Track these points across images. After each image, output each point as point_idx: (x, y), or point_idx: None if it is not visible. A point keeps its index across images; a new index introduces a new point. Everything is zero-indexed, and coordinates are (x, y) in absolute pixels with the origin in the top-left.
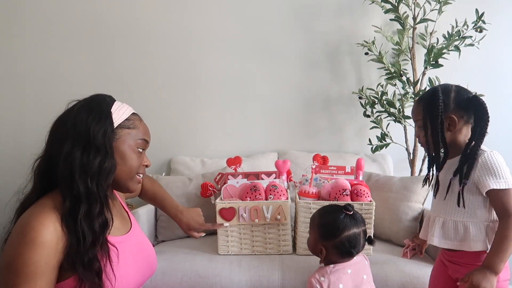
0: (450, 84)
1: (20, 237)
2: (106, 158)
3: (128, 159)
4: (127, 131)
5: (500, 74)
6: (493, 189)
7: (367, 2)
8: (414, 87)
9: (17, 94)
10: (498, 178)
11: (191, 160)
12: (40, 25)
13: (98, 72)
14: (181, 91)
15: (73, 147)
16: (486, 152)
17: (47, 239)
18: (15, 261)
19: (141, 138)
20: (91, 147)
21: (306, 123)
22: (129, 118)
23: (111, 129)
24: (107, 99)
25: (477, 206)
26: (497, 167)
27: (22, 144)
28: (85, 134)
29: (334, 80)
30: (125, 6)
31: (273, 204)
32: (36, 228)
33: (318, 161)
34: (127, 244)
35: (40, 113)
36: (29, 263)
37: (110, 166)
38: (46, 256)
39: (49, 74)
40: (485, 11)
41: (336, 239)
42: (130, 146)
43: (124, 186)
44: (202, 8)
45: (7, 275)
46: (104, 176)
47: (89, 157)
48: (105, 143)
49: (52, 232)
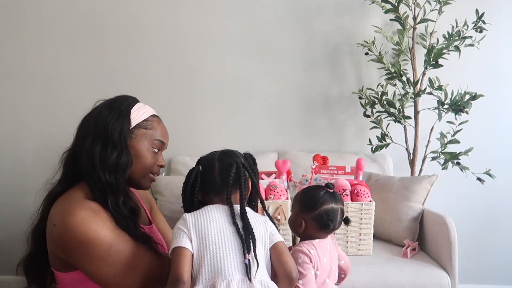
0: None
1: (73, 219)
2: (122, 154)
3: (143, 157)
4: (144, 131)
5: (500, 74)
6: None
7: (367, 2)
8: (414, 87)
9: (17, 94)
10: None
11: (191, 160)
12: (39, 25)
13: (98, 72)
14: (181, 91)
15: (93, 143)
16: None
17: (95, 209)
18: (87, 237)
19: (157, 139)
20: (108, 143)
21: (306, 123)
22: (148, 119)
23: (128, 127)
24: (129, 100)
25: None
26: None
27: (22, 144)
28: (104, 131)
29: (334, 80)
30: (125, 6)
31: (273, 204)
32: (81, 206)
33: (318, 161)
34: (152, 234)
35: (40, 113)
36: (99, 231)
37: (126, 161)
38: (105, 221)
39: (48, 74)
40: (485, 11)
41: (315, 211)
42: (146, 146)
43: (137, 183)
44: (202, 8)
45: (90, 252)
46: (121, 170)
47: (107, 152)
48: (121, 140)
49: (93, 205)
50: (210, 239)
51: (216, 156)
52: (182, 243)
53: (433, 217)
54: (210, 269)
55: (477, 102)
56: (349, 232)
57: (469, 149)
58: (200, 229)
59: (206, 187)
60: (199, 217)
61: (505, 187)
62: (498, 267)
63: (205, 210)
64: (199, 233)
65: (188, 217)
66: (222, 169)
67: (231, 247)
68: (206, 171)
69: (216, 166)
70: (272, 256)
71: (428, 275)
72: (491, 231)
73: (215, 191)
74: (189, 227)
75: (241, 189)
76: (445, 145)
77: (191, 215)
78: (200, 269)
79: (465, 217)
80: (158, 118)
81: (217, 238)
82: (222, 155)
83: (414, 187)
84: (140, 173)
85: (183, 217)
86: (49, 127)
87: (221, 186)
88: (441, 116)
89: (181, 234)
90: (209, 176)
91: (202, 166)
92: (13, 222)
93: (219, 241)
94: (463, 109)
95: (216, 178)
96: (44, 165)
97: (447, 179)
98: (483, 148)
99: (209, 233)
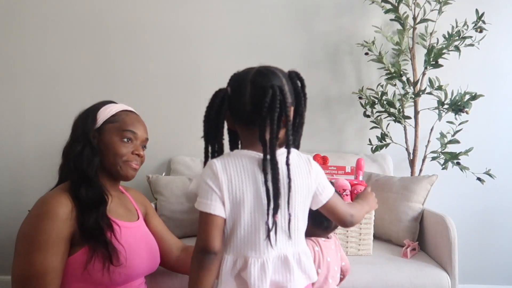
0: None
1: (36, 211)
2: (84, 147)
3: (112, 148)
4: (111, 125)
5: (500, 74)
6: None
7: (367, 2)
8: (414, 87)
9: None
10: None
11: (191, 160)
12: (40, 24)
13: (98, 72)
14: (181, 91)
15: (68, 142)
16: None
17: (60, 211)
18: (30, 231)
19: (126, 129)
20: (76, 140)
21: (306, 123)
22: (116, 114)
23: (92, 125)
24: (101, 103)
25: None
26: (199, 181)
27: (22, 144)
28: (74, 131)
29: (334, 80)
30: (126, 6)
31: None
32: (51, 203)
33: (318, 161)
34: (130, 230)
35: (41, 113)
36: (43, 233)
37: (89, 153)
38: (58, 227)
39: (49, 74)
40: (485, 11)
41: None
42: (114, 138)
43: (116, 172)
44: (202, 8)
45: (22, 244)
46: (87, 160)
47: (72, 147)
48: (84, 136)
49: (64, 206)
50: (246, 206)
51: (249, 76)
52: (213, 209)
53: (433, 217)
54: (244, 240)
55: (477, 102)
56: (349, 232)
57: (469, 149)
58: (235, 191)
59: (235, 115)
60: (232, 172)
61: (505, 187)
62: (498, 267)
63: (238, 159)
64: (233, 197)
65: (219, 171)
66: (254, 95)
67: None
68: (235, 95)
69: (247, 90)
70: (323, 211)
71: (428, 275)
72: (491, 231)
73: (245, 123)
74: (222, 187)
75: (272, 124)
76: (445, 145)
77: (222, 166)
78: (232, 238)
79: (465, 217)
80: (129, 111)
81: (253, 205)
82: (256, 75)
83: (414, 187)
84: (114, 162)
85: (212, 168)
86: (49, 127)
87: (253, 117)
88: (441, 116)
89: (211, 196)
90: (238, 102)
91: (231, 88)
92: (13, 222)
93: (255, 207)
94: (463, 109)
95: (246, 106)
96: (44, 165)
97: (447, 179)
98: (483, 148)
99: (245, 198)
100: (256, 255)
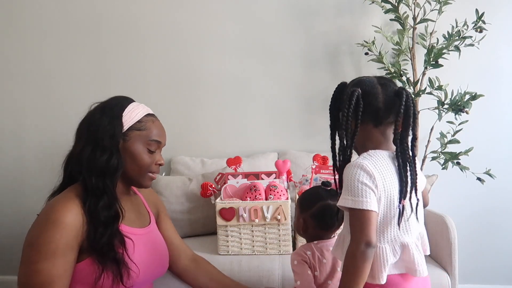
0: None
1: (44, 218)
2: (111, 157)
3: (138, 159)
4: (138, 133)
5: (500, 74)
6: (340, 205)
7: (367, 2)
8: (414, 87)
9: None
10: (347, 194)
11: (191, 160)
12: (40, 24)
13: (98, 72)
14: (181, 91)
15: (84, 146)
16: (349, 162)
17: (69, 220)
18: (38, 239)
19: (152, 139)
20: (98, 147)
21: (306, 123)
22: (141, 120)
23: (120, 130)
24: (122, 102)
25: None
26: (349, 181)
27: (22, 144)
28: (94, 134)
29: (334, 80)
30: (125, 6)
31: (273, 204)
32: (60, 210)
33: (318, 161)
34: (142, 237)
35: (40, 113)
36: (50, 241)
37: (115, 165)
38: (67, 236)
39: (48, 74)
40: (485, 11)
41: (312, 209)
42: (141, 147)
43: (136, 182)
44: (202, 8)
45: (29, 252)
46: (109, 174)
47: (95, 156)
48: (112, 144)
49: (74, 215)
50: (395, 199)
51: (375, 80)
52: (372, 206)
53: (433, 217)
54: (395, 229)
55: (477, 102)
56: None
57: (469, 149)
58: (387, 187)
59: (368, 114)
60: (381, 170)
61: (505, 187)
62: (498, 267)
63: (380, 159)
64: (386, 192)
65: (373, 170)
66: (386, 95)
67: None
68: (366, 95)
69: (379, 91)
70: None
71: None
72: (491, 231)
73: (375, 121)
74: (378, 185)
75: (407, 121)
76: (445, 145)
77: (373, 166)
78: (386, 228)
79: (465, 217)
80: (153, 117)
81: (397, 195)
82: (382, 79)
83: None
84: (138, 173)
85: (365, 169)
86: (49, 127)
87: (386, 115)
88: (441, 116)
89: (369, 194)
90: (370, 102)
91: (361, 89)
92: (13, 222)
93: (398, 198)
94: (463, 109)
95: (379, 104)
96: (44, 165)
97: (447, 179)
98: (483, 148)
99: (393, 191)
100: (408, 239)
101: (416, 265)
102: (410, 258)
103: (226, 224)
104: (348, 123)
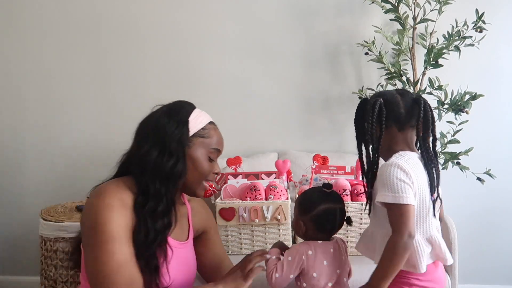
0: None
1: (99, 201)
2: (178, 162)
3: (199, 166)
4: (201, 139)
5: (500, 74)
6: (380, 201)
7: (367, 2)
8: (414, 87)
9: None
10: (386, 191)
11: None
12: (38, 25)
13: (97, 72)
14: (181, 91)
15: (150, 149)
16: (384, 162)
17: (125, 202)
18: (97, 220)
19: (213, 148)
20: (165, 151)
21: (306, 123)
22: (205, 127)
23: (186, 136)
24: (186, 107)
25: (385, 216)
26: (387, 179)
27: (22, 144)
28: (162, 138)
29: (334, 80)
30: (125, 6)
31: (273, 204)
32: (113, 194)
33: (318, 161)
34: (178, 251)
35: (40, 113)
36: (112, 221)
37: (181, 170)
38: (125, 218)
39: (48, 74)
40: (485, 11)
41: (312, 212)
42: (203, 154)
43: (192, 190)
44: (202, 8)
45: (93, 234)
46: (174, 179)
47: (163, 160)
48: (179, 149)
49: (127, 198)
50: (426, 194)
51: (394, 91)
52: (411, 200)
53: None
54: (428, 221)
55: (477, 102)
56: (349, 232)
57: (469, 149)
58: (420, 183)
59: (392, 120)
60: (414, 168)
61: (505, 187)
62: (498, 267)
63: (410, 159)
64: (419, 188)
65: (409, 169)
66: (406, 102)
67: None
68: (388, 103)
69: (399, 99)
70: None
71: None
72: (491, 231)
73: (399, 125)
74: (414, 181)
75: (426, 124)
76: (445, 145)
77: (407, 165)
78: (421, 221)
79: (465, 217)
80: (214, 125)
81: (428, 191)
82: (400, 90)
83: None
84: (197, 181)
85: (402, 168)
86: (49, 127)
87: (407, 119)
88: (441, 116)
89: (408, 190)
90: (392, 108)
91: (382, 99)
92: (13, 222)
93: (428, 193)
94: (463, 109)
95: (401, 110)
96: (44, 165)
97: (447, 179)
98: (483, 148)
99: (425, 188)
100: (433, 231)
101: (445, 253)
102: (439, 248)
103: (226, 224)
104: (373, 128)
